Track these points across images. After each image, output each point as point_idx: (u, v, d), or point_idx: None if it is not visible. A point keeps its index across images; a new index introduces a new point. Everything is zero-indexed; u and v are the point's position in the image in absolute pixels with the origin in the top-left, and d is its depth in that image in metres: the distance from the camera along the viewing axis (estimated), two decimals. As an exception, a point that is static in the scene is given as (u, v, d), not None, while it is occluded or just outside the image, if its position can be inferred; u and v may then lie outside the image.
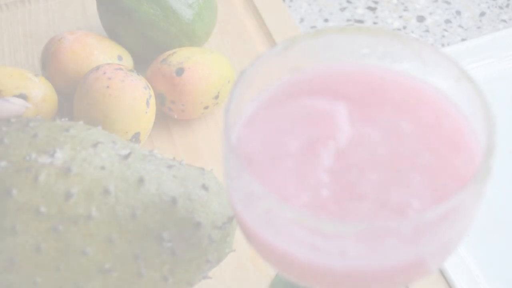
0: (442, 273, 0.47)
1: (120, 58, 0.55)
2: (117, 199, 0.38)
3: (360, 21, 0.67)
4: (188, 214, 0.39)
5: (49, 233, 0.37)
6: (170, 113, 0.54)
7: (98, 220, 0.37)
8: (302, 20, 0.68)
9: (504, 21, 0.67)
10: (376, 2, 0.69)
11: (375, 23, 0.67)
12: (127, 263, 0.38)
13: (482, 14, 0.68)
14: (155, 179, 0.39)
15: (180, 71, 0.52)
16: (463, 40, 0.65)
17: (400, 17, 0.68)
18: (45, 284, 0.38)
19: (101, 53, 0.54)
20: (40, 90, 0.52)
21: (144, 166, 0.39)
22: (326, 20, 0.68)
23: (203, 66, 0.53)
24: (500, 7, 0.68)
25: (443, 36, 0.66)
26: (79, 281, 0.38)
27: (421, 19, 0.67)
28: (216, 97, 0.54)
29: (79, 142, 0.39)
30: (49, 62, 0.54)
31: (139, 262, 0.38)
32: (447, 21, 0.67)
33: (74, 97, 0.51)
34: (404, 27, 0.67)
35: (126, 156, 0.39)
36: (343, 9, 0.69)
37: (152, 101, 0.51)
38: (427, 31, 0.66)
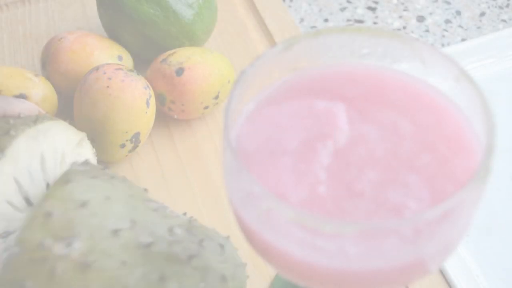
0: (442, 273, 0.47)
1: (120, 58, 0.55)
2: None
3: (360, 21, 0.67)
4: None
5: None
6: (170, 113, 0.54)
7: None
8: (302, 20, 0.68)
9: (504, 21, 0.67)
10: (376, 2, 0.69)
11: (375, 23, 0.67)
12: None
13: (482, 14, 0.68)
14: (176, 275, 0.37)
15: (180, 71, 0.52)
16: (463, 40, 0.65)
17: (400, 17, 0.68)
18: None
19: (101, 53, 0.54)
20: (40, 90, 0.52)
21: (167, 255, 0.37)
22: (326, 20, 0.68)
23: (203, 66, 0.53)
24: (500, 7, 0.68)
25: (443, 36, 0.66)
26: None
27: (421, 19, 0.67)
28: (216, 97, 0.54)
29: (98, 225, 0.36)
30: (49, 62, 0.54)
31: None
32: (447, 21, 0.67)
33: (74, 97, 0.51)
34: (404, 27, 0.67)
35: (148, 246, 0.37)
36: (343, 9, 0.69)
37: (152, 101, 0.51)
38: (427, 31, 0.66)
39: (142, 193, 0.40)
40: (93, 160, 0.47)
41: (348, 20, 0.67)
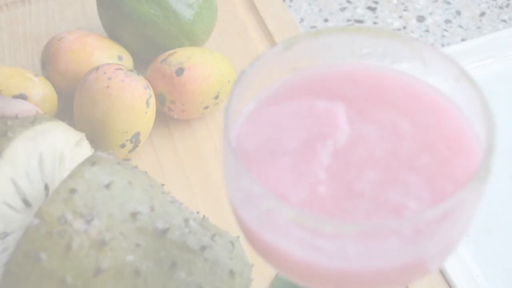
0: (442, 273, 0.47)
1: (120, 58, 0.55)
2: (146, 283, 0.36)
3: (360, 21, 0.67)
4: None
5: None
6: (170, 113, 0.54)
7: None
8: (302, 20, 0.68)
9: (504, 21, 0.67)
10: (376, 2, 0.69)
11: (375, 23, 0.67)
12: None
13: (482, 14, 0.68)
14: (187, 263, 0.38)
15: (180, 71, 0.52)
16: (463, 40, 0.65)
17: (400, 17, 0.68)
18: None
19: (101, 53, 0.54)
20: (40, 90, 0.52)
21: (180, 243, 0.38)
22: (326, 20, 0.68)
23: (203, 66, 0.53)
24: (500, 7, 0.68)
25: (443, 36, 0.66)
26: None
27: (421, 19, 0.67)
28: (216, 97, 0.54)
29: (118, 207, 0.37)
30: (49, 62, 0.54)
31: None
32: (447, 21, 0.67)
33: (74, 97, 0.51)
34: (404, 27, 0.67)
35: (164, 232, 0.38)
36: (343, 9, 0.69)
37: (152, 101, 0.51)
38: (427, 31, 0.66)
39: (159, 186, 0.41)
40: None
41: (348, 20, 0.67)
